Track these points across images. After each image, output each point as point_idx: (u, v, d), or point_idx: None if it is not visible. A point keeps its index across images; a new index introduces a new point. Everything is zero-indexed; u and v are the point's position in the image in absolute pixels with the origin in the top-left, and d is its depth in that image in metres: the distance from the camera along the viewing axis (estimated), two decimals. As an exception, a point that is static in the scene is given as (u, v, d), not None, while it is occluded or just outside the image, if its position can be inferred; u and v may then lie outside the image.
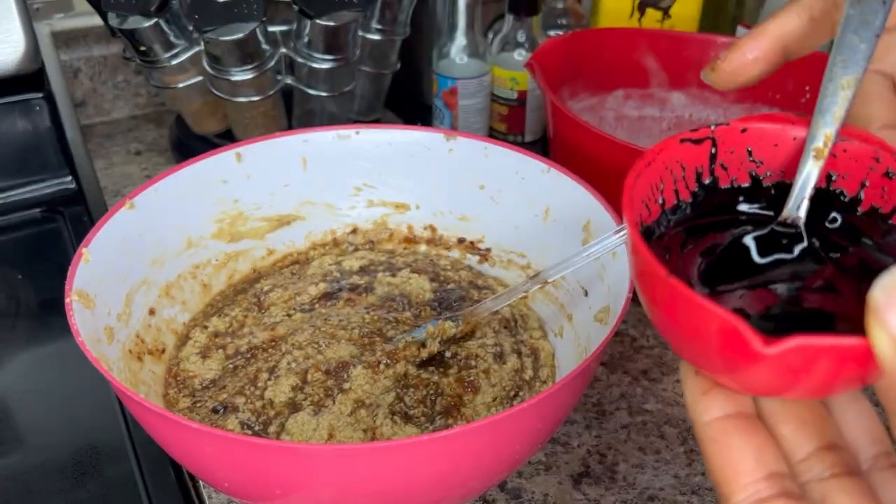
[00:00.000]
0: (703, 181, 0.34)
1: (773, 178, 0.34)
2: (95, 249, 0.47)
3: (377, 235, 0.62)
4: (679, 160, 0.33)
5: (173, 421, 0.38)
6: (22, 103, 0.79)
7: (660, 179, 0.32)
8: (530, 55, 0.66)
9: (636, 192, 0.31)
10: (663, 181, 0.33)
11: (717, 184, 0.34)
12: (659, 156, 0.32)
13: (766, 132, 0.34)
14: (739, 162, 0.34)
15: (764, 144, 0.34)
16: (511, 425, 0.38)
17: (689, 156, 0.33)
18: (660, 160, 0.32)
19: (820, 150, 0.33)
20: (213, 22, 0.68)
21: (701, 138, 0.33)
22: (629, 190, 0.31)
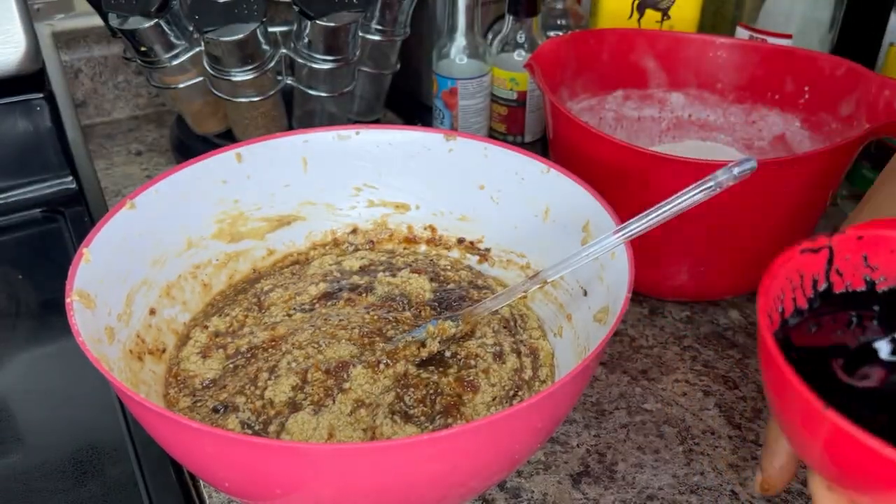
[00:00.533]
0: (819, 288, 0.35)
1: (887, 283, 0.35)
2: (96, 249, 0.47)
3: (377, 235, 0.62)
4: (798, 270, 0.34)
5: (174, 420, 0.38)
6: (23, 103, 0.79)
7: (781, 290, 0.34)
8: (530, 56, 0.66)
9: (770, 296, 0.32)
10: (784, 292, 0.34)
11: (832, 290, 0.35)
12: (783, 267, 0.33)
13: (883, 238, 0.35)
14: (854, 268, 0.35)
15: (880, 251, 0.35)
16: (510, 425, 0.39)
17: (807, 264, 0.34)
18: (783, 272, 0.33)
19: None
20: (213, 22, 0.68)
21: (819, 247, 0.34)
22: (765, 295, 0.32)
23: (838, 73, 0.66)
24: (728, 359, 0.61)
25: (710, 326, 0.64)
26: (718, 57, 0.71)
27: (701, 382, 0.59)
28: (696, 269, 0.62)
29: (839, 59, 0.66)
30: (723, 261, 0.62)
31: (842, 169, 0.59)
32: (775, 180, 0.56)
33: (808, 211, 0.61)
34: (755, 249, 0.61)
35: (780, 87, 0.70)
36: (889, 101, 0.60)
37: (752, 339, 0.63)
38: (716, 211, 0.56)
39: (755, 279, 0.66)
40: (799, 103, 0.69)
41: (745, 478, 0.52)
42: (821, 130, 0.68)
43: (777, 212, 0.59)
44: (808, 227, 0.63)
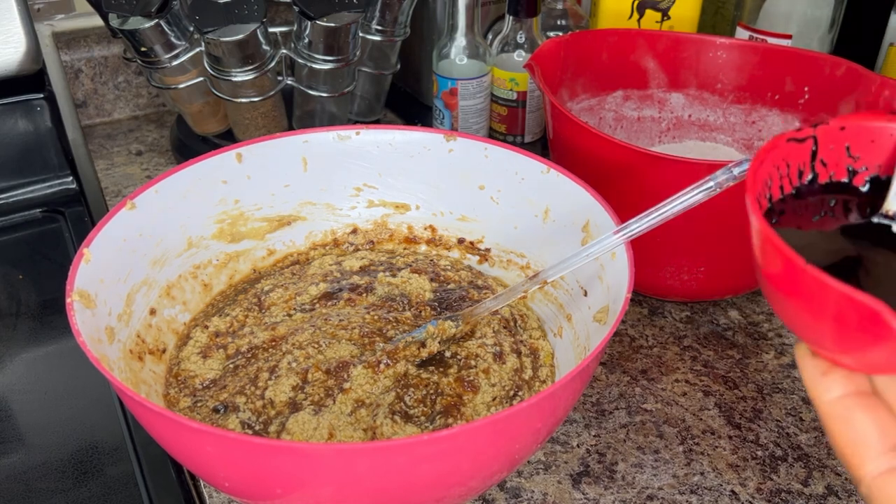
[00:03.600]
0: (804, 179, 0.36)
1: (869, 172, 0.36)
2: (96, 249, 0.47)
3: (377, 235, 0.62)
4: (785, 158, 0.35)
5: (174, 420, 0.38)
6: (23, 104, 0.79)
7: (769, 176, 0.35)
8: (530, 56, 0.66)
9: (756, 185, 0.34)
10: (771, 178, 0.35)
11: (817, 180, 0.36)
12: (769, 154, 0.34)
13: (864, 128, 0.36)
14: (838, 158, 0.36)
15: (861, 141, 0.36)
16: (510, 425, 0.39)
17: (793, 153, 0.35)
18: (770, 158, 0.34)
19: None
20: (213, 23, 0.68)
21: (804, 137, 0.35)
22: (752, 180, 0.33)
23: (838, 73, 0.66)
24: (728, 359, 0.61)
25: (710, 326, 0.64)
26: (718, 57, 0.71)
27: (701, 382, 0.59)
28: (696, 269, 0.62)
29: (839, 59, 0.66)
30: (723, 261, 0.62)
31: (842, 169, 0.59)
32: (775, 180, 0.56)
33: (808, 211, 0.61)
34: (755, 249, 0.61)
35: (779, 88, 0.70)
36: (889, 101, 0.60)
37: (751, 339, 0.63)
38: (716, 211, 0.56)
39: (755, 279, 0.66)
40: (799, 103, 0.69)
41: (745, 478, 0.52)
42: (821, 130, 0.68)
43: (777, 212, 0.59)
44: (807, 227, 0.63)
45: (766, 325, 0.64)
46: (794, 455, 0.53)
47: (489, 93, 0.80)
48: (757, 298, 0.67)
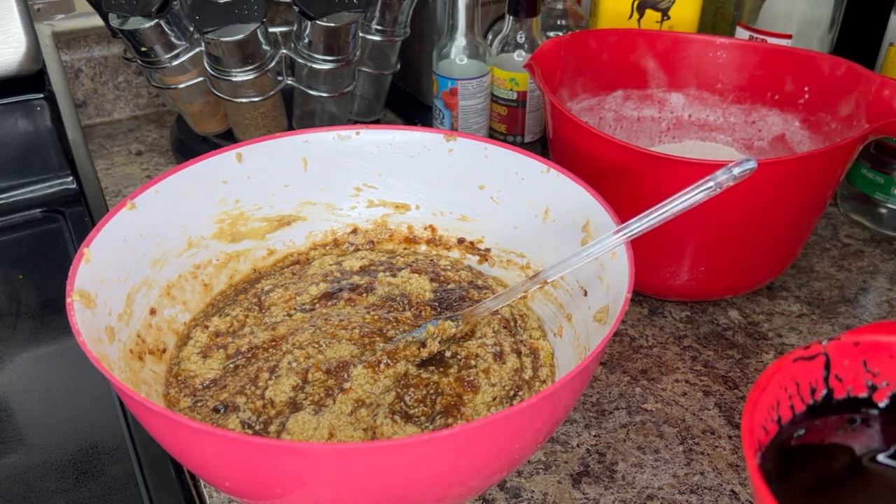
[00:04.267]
0: (818, 396, 0.35)
1: (891, 387, 0.36)
2: (96, 249, 0.47)
3: (377, 235, 0.62)
4: (793, 378, 0.34)
5: (174, 420, 0.38)
6: (23, 104, 0.79)
7: (775, 400, 0.34)
8: (530, 56, 0.66)
9: (755, 419, 0.32)
10: (779, 400, 0.34)
11: (833, 395, 0.36)
12: (773, 378, 0.33)
13: (881, 345, 0.35)
14: (855, 373, 0.35)
15: (879, 356, 0.35)
16: (510, 425, 0.39)
17: (802, 372, 0.35)
18: (774, 382, 0.34)
19: None
20: (213, 23, 0.68)
21: (813, 355, 0.35)
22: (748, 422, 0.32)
23: (838, 73, 0.66)
24: (728, 359, 0.61)
25: (710, 326, 0.64)
26: (718, 57, 0.71)
27: (701, 382, 0.59)
28: (696, 269, 0.62)
29: (839, 59, 0.66)
30: (723, 261, 0.62)
31: (842, 169, 0.59)
32: (775, 180, 0.56)
33: (808, 211, 0.61)
34: (755, 249, 0.62)
35: (779, 87, 0.70)
36: (889, 101, 0.60)
37: (751, 339, 0.63)
38: (716, 211, 0.57)
39: (755, 279, 0.67)
40: (799, 103, 0.69)
41: (745, 478, 0.52)
42: (820, 130, 0.68)
43: (777, 212, 0.59)
44: (807, 227, 0.63)
45: (766, 325, 0.64)
46: (794, 455, 0.53)
47: (489, 93, 0.80)
48: (757, 298, 0.67)
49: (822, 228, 0.76)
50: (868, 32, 0.75)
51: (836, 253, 0.73)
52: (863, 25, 0.77)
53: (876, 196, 0.73)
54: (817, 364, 0.35)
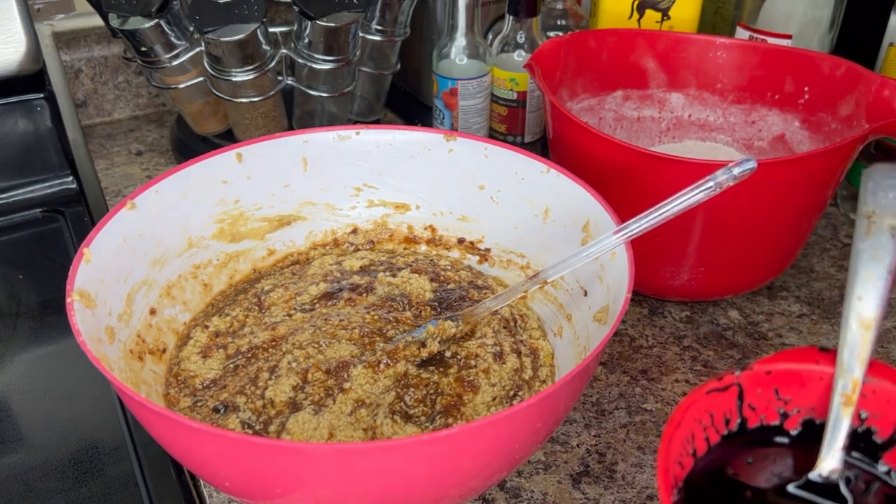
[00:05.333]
0: (732, 426, 0.36)
1: (802, 414, 0.36)
2: (96, 249, 0.47)
3: (377, 235, 0.62)
4: (708, 409, 0.34)
5: (174, 420, 0.38)
6: (23, 104, 0.79)
7: (690, 433, 0.34)
8: (530, 56, 0.66)
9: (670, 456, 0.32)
10: (694, 433, 0.34)
11: (746, 425, 0.36)
12: (687, 412, 0.33)
13: (792, 373, 0.35)
14: (767, 401, 0.36)
15: (790, 384, 0.35)
16: (510, 425, 0.39)
17: (716, 403, 0.35)
18: (689, 416, 0.33)
19: (848, 396, 0.34)
20: (213, 23, 0.68)
21: (726, 385, 0.35)
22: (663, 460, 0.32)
23: (838, 73, 0.66)
24: (728, 359, 0.61)
25: (710, 326, 0.64)
26: (718, 57, 0.71)
27: (701, 382, 0.59)
28: (696, 269, 0.62)
29: (839, 59, 0.66)
30: (723, 261, 0.62)
31: (842, 169, 0.59)
32: (775, 180, 0.56)
33: (808, 211, 0.61)
34: (755, 249, 0.62)
35: (779, 87, 0.70)
36: (889, 101, 0.60)
37: (751, 339, 0.63)
38: (716, 211, 0.57)
39: (755, 279, 0.67)
40: (798, 103, 0.69)
41: (745, 478, 0.52)
42: (820, 130, 0.68)
43: (777, 212, 0.59)
44: (807, 227, 0.63)
45: (765, 325, 0.64)
46: (794, 455, 0.53)
47: (489, 93, 0.80)
48: (757, 298, 0.67)
49: (822, 228, 0.76)
50: (868, 32, 0.75)
51: (836, 253, 0.73)
52: (863, 25, 0.77)
53: (876, 196, 0.73)
54: (731, 395, 0.35)
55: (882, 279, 0.34)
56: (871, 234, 0.35)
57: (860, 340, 0.34)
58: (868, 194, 0.36)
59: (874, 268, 0.34)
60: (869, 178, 0.37)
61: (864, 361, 0.34)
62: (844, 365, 0.34)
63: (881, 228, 0.35)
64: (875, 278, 0.34)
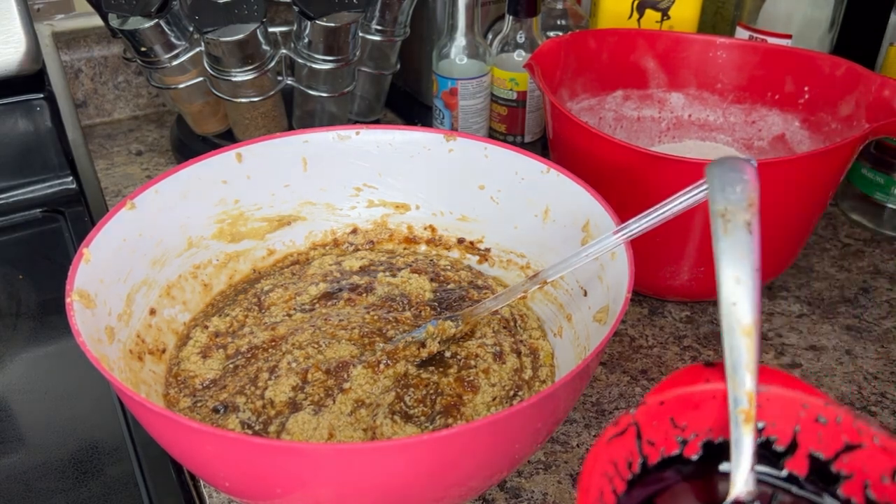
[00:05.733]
0: (635, 468, 0.33)
1: (700, 437, 0.34)
2: (96, 249, 0.47)
3: (377, 235, 0.62)
4: (611, 459, 0.32)
5: (174, 420, 0.38)
6: (23, 104, 0.79)
7: (598, 492, 0.31)
8: (530, 56, 0.66)
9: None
10: (602, 490, 0.32)
11: (648, 462, 0.34)
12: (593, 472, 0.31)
13: (684, 397, 0.34)
14: (665, 433, 0.34)
15: (685, 409, 0.34)
16: (510, 425, 0.39)
17: (618, 450, 0.33)
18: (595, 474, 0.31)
19: (747, 412, 0.32)
20: (213, 23, 0.68)
21: (624, 428, 0.33)
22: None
23: (838, 73, 0.66)
24: (728, 359, 0.61)
25: (710, 326, 0.64)
26: (718, 57, 0.71)
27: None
28: (696, 269, 0.62)
29: (839, 59, 0.66)
30: (723, 261, 0.62)
31: (842, 169, 0.59)
32: (775, 180, 0.56)
33: (808, 211, 0.61)
34: (755, 249, 0.61)
35: (779, 87, 0.70)
36: (889, 101, 0.60)
37: (752, 339, 0.63)
38: (716, 211, 0.56)
39: (755, 279, 0.66)
40: (799, 103, 0.69)
41: (745, 478, 0.52)
42: (821, 130, 0.68)
43: (777, 212, 0.59)
44: (807, 227, 0.63)
45: (765, 325, 0.64)
46: (794, 455, 0.53)
47: (489, 93, 0.80)
48: (757, 298, 0.67)
49: (822, 228, 0.76)
50: (868, 32, 0.75)
51: (836, 253, 0.73)
52: (863, 25, 0.77)
53: (876, 196, 0.73)
54: (630, 436, 0.33)
55: (752, 278, 0.33)
56: (729, 233, 0.33)
57: (745, 349, 0.32)
58: (717, 192, 0.35)
59: (742, 267, 0.33)
60: (713, 175, 0.35)
61: (753, 371, 0.32)
62: (736, 379, 0.32)
63: (737, 225, 0.33)
64: (746, 279, 0.33)
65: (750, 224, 0.33)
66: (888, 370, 0.60)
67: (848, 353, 0.61)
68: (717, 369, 0.34)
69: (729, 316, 0.33)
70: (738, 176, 0.35)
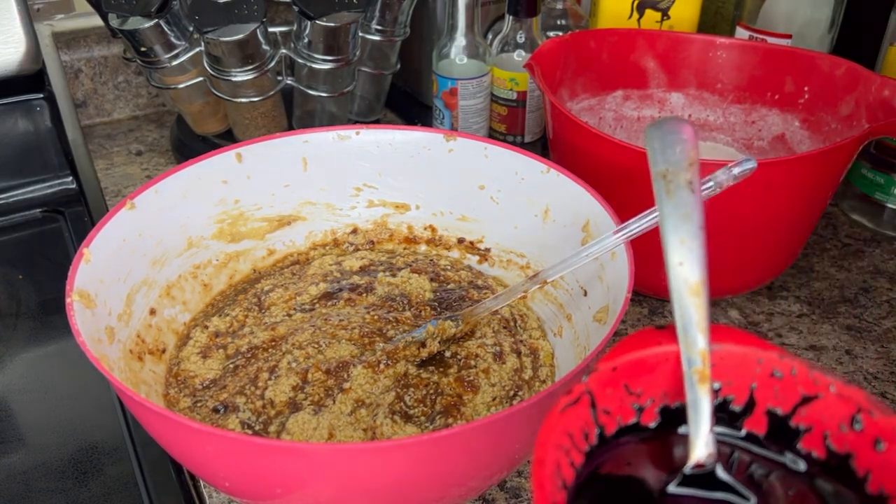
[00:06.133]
0: (592, 439, 0.32)
1: (656, 402, 0.33)
2: (96, 249, 0.47)
3: (377, 235, 0.62)
4: (566, 430, 0.31)
5: (174, 420, 0.38)
6: (23, 104, 0.79)
7: (556, 465, 0.30)
8: (530, 56, 0.66)
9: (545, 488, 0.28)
10: (559, 463, 0.30)
11: (605, 432, 0.32)
12: (548, 444, 0.30)
13: (637, 362, 0.32)
14: (620, 400, 0.33)
15: (639, 374, 0.33)
16: (510, 425, 0.39)
17: (572, 420, 0.31)
18: (550, 447, 0.30)
19: (701, 371, 0.31)
20: (213, 23, 0.68)
21: (577, 397, 0.31)
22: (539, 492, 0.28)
23: (838, 73, 0.66)
24: (728, 359, 0.61)
25: (710, 326, 0.64)
26: (718, 57, 0.71)
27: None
28: (696, 269, 0.62)
29: (839, 59, 0.66)
30: (723, 261, 0.62)
31: (842, 169, 0.59)
32: (775, 180, 0.56)
33: (808, 211, 0.61)
34: (755, 249, 0.61)
35: (779, 87, 0.70)
36: (889, 101, 0.60)
37: (752, 339, 0.63)
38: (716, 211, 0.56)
39: (755, 279, 0.67)
40: (799, 103, 0.69)
41: (745, 478, 0.52)
42: (821, 130, 0.68)
43: (777, 212, 0.59)
44: (808, 227, 0.63)
45: (766, 325, 0.64)
46: (794, 455, 0.53)
47: (489, 93, 0.80)
48: (757, 298, 0.67)
49: (822, 228, 0.76)
50: (868, 32, 0.75)
51: (836, 253, 0.73)
52: (863, 25, 0.77)
53: (876, 196, 0.73)
54: (584, 405, 0.31)
55: (697, 238, 0.32)
56: (671, 194, 0.33)
57: (694, 309, 0.32)
58: (657, 154, 0.34)
59: (686, 228, 0.32)
60: (652, 137, 0.35)
61: (704, 330, 0.31)
62: (687, 339, 0.31)
63: (679, 185, 0.33)
64: (690, 239, 0.32)
65: (692, 183, 0.33)
66: (888, 370, 0.60)
67: (848, 353, 0.61)
68: (668, 331, 0.33)
69: (676, 277, 0.33)
70: (676, 137, 0.35)
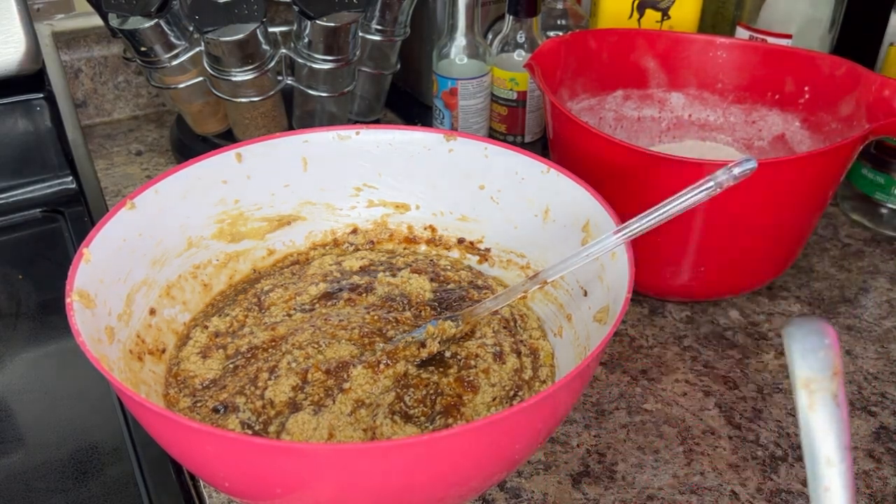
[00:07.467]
0: None
1: None
2: (96, 249, 0.47)
3: (377, 235, 0.62)
4: None
5: (173, 421, 0.38)
6: (23, 104, 0.79)
7: None
8: (530, 56, 0.66)
9: None
10: None
11: None
12: None
13: None
14: None
15: None
16: (510, 425, 0.39)
17: None
18: None
19: None
20: (213, 23, 0.68)
21: None
22: None
23: (838, 73, 0.66)
24: (728, 359, 0.61)
25: (710, 326, 0.64)
26: (718, 57, 0.71)
27: (701, 382, 0.59)
28: (696, 269, 0.62)
29: (839, 59, 0.66)
30: (723, 261, 0.62)
31: (842, 169, 0.59)
32: (775, 180, 0.56)
33: (809, 211, 0.61)
34: (755, 249, 0.62)
35: (779, 87, 0.70)
36: (889, 101, 0.60)
37: (752, 339, 0.63)
38: (716, 211, 0.57)
39: (755, 279, 0.67)
40: (799, 103, 0.69)
41: (745, 478, 0.52)
42: (821, 130, 0.68)
43: (777, 212, 0.59)
44: (808, 227, 0.63)
45: (766, 325, 0.64)
46: (795, 455, 0.53)
47: (489, 93, 0.80)
48: (757, 298, 0.67)
49: (822, 228, 0.76)
50: (868, 32, 0.75)
51: (837, 253, 0.73)
52: (863, 25, 0.77)
53: (876, 196, 0.73)
54: None
55: (845, 460, 0.29)
56: (816, 407, 0.30)
57: None
58: (797, 358, 0.30)
59: (832, 447, 0.29)
60: (792, 339, 0.31)
61: None
62: None
63: (825, 399, 0.30)
64: (838, 460, 0.29)
65: (837, 396, 0.30)
66: (888, 370, 0.60)
67: (848, 353, 0.61)
68: None
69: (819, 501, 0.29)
70: (819, 341, 0.31)
